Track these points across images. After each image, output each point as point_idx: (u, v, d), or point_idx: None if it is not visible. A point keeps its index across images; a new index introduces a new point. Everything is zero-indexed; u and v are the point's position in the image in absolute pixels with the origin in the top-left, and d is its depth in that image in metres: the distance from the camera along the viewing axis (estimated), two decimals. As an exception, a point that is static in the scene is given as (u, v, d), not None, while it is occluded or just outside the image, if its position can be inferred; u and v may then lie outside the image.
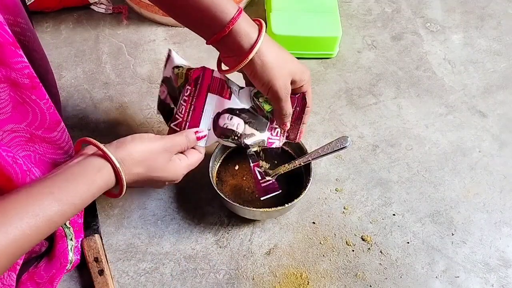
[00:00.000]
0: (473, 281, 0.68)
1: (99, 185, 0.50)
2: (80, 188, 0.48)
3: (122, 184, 0.52)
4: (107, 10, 0.96)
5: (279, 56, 0.59)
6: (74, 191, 0.48)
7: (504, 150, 0.82)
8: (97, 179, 0.50)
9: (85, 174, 0.50)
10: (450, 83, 0.90)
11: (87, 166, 0.50)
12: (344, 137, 0.65)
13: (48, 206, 0.45)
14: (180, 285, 0.65)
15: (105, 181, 0.51)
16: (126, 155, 0.53)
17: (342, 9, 1.00)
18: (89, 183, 0.49)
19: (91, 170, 0.50)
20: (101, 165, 0.51)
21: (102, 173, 0.51)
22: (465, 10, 1.03)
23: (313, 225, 0.72)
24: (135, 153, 0.54)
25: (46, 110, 0.52)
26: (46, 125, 0.53)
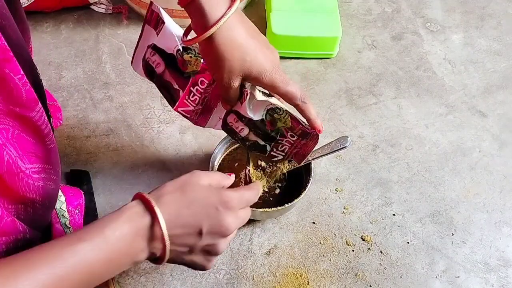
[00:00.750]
0: (473, 281, 0.68)
1: (135, 261, 0.47)
2: (117, 267, 0.46)
3: (163, 257, 0.48)
4: (107, 10, 0.96)
5: (251, 38, 0.54)
6: (109, 270, 0.45)
7: (504, 150, 0.82)
8: (137, 259, 0.47)
9: (126, 254, 0.46)
10: (450, 83, 0.90)
11: (132, 244, 0.46)
12: (344, 137, 0.64)
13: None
14: (180, 285, 0.65)
15: (142, 259, 0.48)
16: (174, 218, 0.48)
17: (342, 9, 1.00)
18: (127, 262, 0.46)
19: (134, 252, 0.46)
20: (145, 248, 0.47)
21: (144, 253, 0.47)
22: (465, 10, 1.03)
23: (313, 225, 0.72)
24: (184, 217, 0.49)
25: (21, 86, 0.48)
26: (23, 102, 0.49)
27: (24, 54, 0.54)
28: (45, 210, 0.56)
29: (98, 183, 0.74)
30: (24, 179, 0.50)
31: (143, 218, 0.46)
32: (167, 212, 0.47)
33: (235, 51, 0.52)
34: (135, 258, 0.47)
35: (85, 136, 0.79)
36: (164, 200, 0.48)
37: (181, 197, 0.49)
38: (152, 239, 0.46)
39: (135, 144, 0.79)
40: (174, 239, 0.48)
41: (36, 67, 0.60)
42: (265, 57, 0.54)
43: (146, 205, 0.47)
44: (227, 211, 0.50)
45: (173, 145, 0.79)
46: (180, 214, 0.48)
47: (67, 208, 0.66)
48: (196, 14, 0.51)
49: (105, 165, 0.76)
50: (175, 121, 0.81)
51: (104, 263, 0.44)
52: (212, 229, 0.49)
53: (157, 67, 0.59)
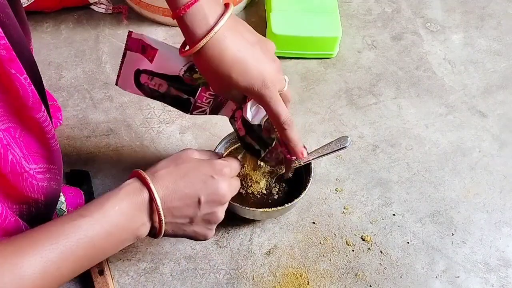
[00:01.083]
0: (473, 281, 0.68)
1: (137, 235, 0.49)
2: (115, 242, 0.48)
3: (160, 232, 0.51)
4: (107, 10, 0.96)
5: (244, 51, 0.51)
6: (108, 247, 0.47)
7: (504, 150, 0.82)
8: (138, 232, 0.49)
9: (127, 228, 0.48)
10: (450, 83, 0.90)
11: (132, 218, 0.48)
12: (344, 137, 0.64)
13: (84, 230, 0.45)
14: (180, 285, 0.65)
15: (144, 233, 0.50)
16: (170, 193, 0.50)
17: (342, 9, 1.00)
18: (128, 237, 0.49)
19: (134, 226, 0.49)
20: (146, 222, 0.49)
21: (145, 226, 0.49)
22: (465, 10, 1.03)
23: (313, 225, 0.72)
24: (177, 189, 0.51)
25: (27, 86, 0.49)
26: (30, 104, 0.50)
27: (26, 54, 0.55)
28: (48, 209, 0.56)
29: (98, 183, 0.74)
30: (28, 179, 0.50)
31: (141, 193, 0.48)
32: (164, 186, 0.49)
33: (223, 66, 0.51)
34: (137, 232, 0.49)
35: (85, 136, 0.79)
36: (159, 175, 0.50)
37: (175, 170, 0.51)
38: (152, 213, 0.49)
39: (135, 144, 0.79)
40: (174, 212, 0.50)
41: (37, 67, 0.60)
42: (257, 70, 0.51)
43: (142, 181, 0.49)
44: (222, 178, 0.52)
45: (173, 145, 0.79)
46: (177, 187, 0.50)
47: (67, 208, 0.66)
48: (187, 28, 0.50)
49: (105, 165, 0.76)
50: (175, 121, 0.81)
51: (106, 237, 0.46)
52: (210, 198, 0.51)
53: (159, 88, 0.59)
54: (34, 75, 0.57)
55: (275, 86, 0.52)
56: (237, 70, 0.51)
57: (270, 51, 0.54)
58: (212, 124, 0.81)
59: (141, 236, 0.49)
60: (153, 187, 0.48)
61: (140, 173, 0.50)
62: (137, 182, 0.49)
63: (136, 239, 0.49)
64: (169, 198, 0.49)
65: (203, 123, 0.81)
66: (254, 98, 0.54)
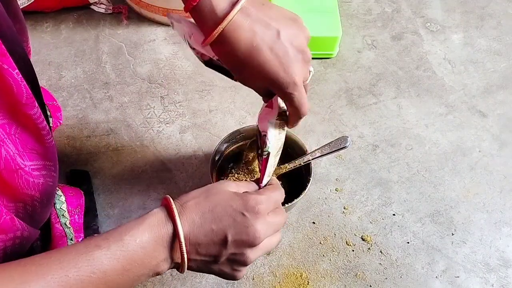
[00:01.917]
0: (473, 281, 0.68)
1: (156, 272, 0.45)
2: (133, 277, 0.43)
3: (183, 268, 0.46)
4: (107, 10, 0.96)
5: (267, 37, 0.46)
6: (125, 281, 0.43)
7: (504, 150, 0.82)
8: (158, 269, 0.45)
9: (146, 263, 0.44)
10: (450, 83, 0.90)
11: (151, 255, 0.44)
12: (344, 137, 0.64)
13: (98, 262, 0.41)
14: (180, 285, 0.65)
15: (164, 269, 0.45)
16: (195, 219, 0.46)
17: (342, 9, 1.00)
18: (146, 272, 0.44)
19: (154, 262, 0.44)
20: (167, 257, 0.45)
21: (166, 262, 0.45)
22: (465, 10, 1.03)
23: (313, 225, 0.72)
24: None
25: (20, 81, 0.47)
26: (24, 100, 0.48)
27: (19, 51, 0.54)
28: (43, 207, 0.56)
29: (98, 183, 0.74)
30: (24, 176, 0.49)
31: (165, 226, 0.44)
32: (191, 219, 0.45)
33: (239, 60, 0.47)
34: (157, 269, 0.44)
35: (85, 136, 0.79)
36: (187, 205, 0.46)
37: (205, 201, 0.46)
38: (175, 249, 0.44)
39: (135, 144, 0.79)
40: (199, 249, 0.45)
41: (32, 66, 0.60)
42: (278, 66, 0.47)
43: (169, 212, 0.45)
44: (255, 217, 0.46)
45: (173, 145, 0.79)
46: (203, 221, 0.45)
47: (67, 208, 0.66)
48: (200, 18, 0.47)
49: (105, 165, 0.76)
50: (175, 121, 0.81)
51: (121, 273, 0.42)
52: (238, 238, 0.45)
53: (202, 56, 0.56)
54: (28, 72, 0.56)
55: (300, 81, 0.49)
56: (254, 65, 0.47)
57: (297, 37, 0.48)
58: (212, 124, 0.81)
59: (161, 272, 0.45)
60: (178, 221, 0.44)
61: (168, 201, 0.45)
62: (163, 212, 0.45)
63: (155, 275, 0.45)
64: (194, 233, 0.44)
65: (203, 123, 0.81)
66: (276, 91, 0.50)
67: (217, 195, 0.47)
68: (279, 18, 0.48)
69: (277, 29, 0.47)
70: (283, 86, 0.48)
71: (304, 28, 0.49)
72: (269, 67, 0.47)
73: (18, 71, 0.47)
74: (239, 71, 0.49)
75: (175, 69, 0.88)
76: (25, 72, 0.53)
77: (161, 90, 0.85)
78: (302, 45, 0.48)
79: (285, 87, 0.48)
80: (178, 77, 0.87)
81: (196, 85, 0.86)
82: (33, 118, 0.51)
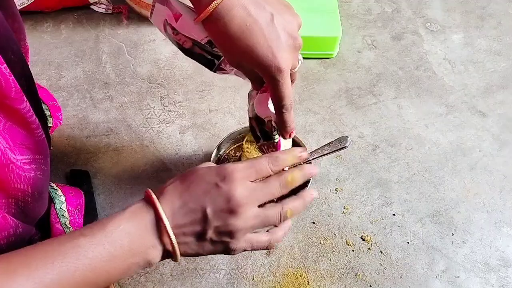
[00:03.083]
0: (473, 281, 0.68)
1: (148, 260, 0.44)
2: (123, 266, 0.43)
3: (175, 254, 0.45)
4: (107, 10, 0.96)
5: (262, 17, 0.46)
6: (116, 270, 0.43)
7: (504, 150, 0.82)
8: (148, 256, 0.44)
9: (134, 250, 0.43)
10: (450, 83, 0.90)
11: (140, 241, 0.43)
12: (344, 137, 0.64)
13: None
14: (180, 285, 0.65)
15: (155, 257, 0.45)
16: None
17: (342, 9, 1.00)
18: (137, 261, 0.44)
19: (142, 249, 0.43)
20: (156, 244, 0.44)
21: (155, 249, 0.44)
22: (465, 10, 1.03)
23: (313, 225, 0.72)
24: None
25: (8, 75, 0.46)
26: (13, 94, 0.48)
27: (13, 48, 0.54)
28: (35, 202, 0.55)
29: (98, 183, 0.74)
30: (15, 170, 0.49)
31: (147, 212, 0.44)
32: (170, 202, 0.44)
33: (230, 40, 0.46)
34: (147, 256, 0.44)
35: (85, 136, 0.79)
36: (165, 191, 0.45)
37: (181, 183, 0.46)
38: (161, 234, 0.44)
39: (135, 144, 0.79)
40: (185, 230, 0.44)
41: (26, 63, 0.59)
42: (268, 50, 0.46)
43: (148, 199, 0.45)
44: (229, 184, 0.44)
45: (173, 145, 0.79)
46: (182, 202, 0.44)
47: (67, 208, 0.66)
48: None
49: (105, 165, 0.76)
50: (175, 121, 0.81)
51: (109, 260, 0.42)
52: (217, 208, 0.44)
53: (184, 44, 0.56)
54: (22, 68, 0.56)
55: (288, 68, 0.48)
56: (244, 45, 0.46)
57: (290, 24, 0.48)
58: (212, 124, 0.81)
59: (152, 260, 0.44)
60: (158, 204, 0.43)
61: (147, 190, 0.45)
62: (143, 201, 0.45)
63: (148, 264, 0.44)
64: (176, 215, 0.44)
65: (203, 123, 0.81)
66: (261, 74, 0.49)
67: (192, 175, 0.46)
68: (274, 2, 0.48)
69: (271, 13, 0.47)
70: (269, 69, 0.47)
71: (296, 15, 0.49)
72: (259, 48, 0.46)
73: (6, 66, 0.46)
74: (229, 50, 0.49)
75: (175, 69, 0.88)
76: (20, 69, 0.52)
77: (161, 90, 0.85)
78: (294, 31, 0.48)
79: (271, 71, 0.47)
80: (178, 77, 0.87)
81: (196, 85, 0.86)
82: (22, 112, 0.50)
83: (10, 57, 0.52)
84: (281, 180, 0.47)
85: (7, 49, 0.51)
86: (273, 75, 0.48)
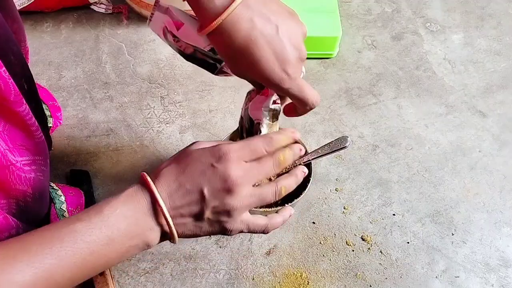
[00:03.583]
0: (473, 281, 0.68)
1: (147, 242, 0.45)
2: (122, 249, 0.44)
3: (173, 235, 0.46)
4: (107, 10, 0.96)
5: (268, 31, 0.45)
6: (116, 252, 0.43)
7: (504, 150, 0.82)
8: (146, 239, 0.45)
9: (132, 233, 0.44)
10: (450, 83, 0.90)
11: (139, 224, 0.44)
12: (344, 137, 0.64)
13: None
14: (180, 285, 0.65)
15: (154, 239, 0.45)
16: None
17: (342, 9, 1.00)
18: (135, 243, 0.44)
19: (140, 231, 0.44)
20: (153, 226, 0.45)
21: (153, 231, 0.45)
22: (465, 10, 1.03)
23: (313, 225, 0.72)
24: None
25: (7, 78, 0.46)
26: (12, 97, 0.48)
27: (13, 49, 0.54)
28: (36, 203, 0.55)
29: (98, 183, 0.74)
30: (15, 171, 0.49)
31: (143, 196, 0.44)
32: (166, 185, 0.45)
33: (236, 53, 0.46)
34: (145, 238, 0.44)
35: (85, 136, 0.79)
36: (160, 174, 0.46)
37: (176, 166, 0.46)
38: (158, 216, 0.44)
39: (135, 144, 0.79)
40: (182, 211, 0.45)
41: (27, 64, 0.60)
42: (272, 62, 0.46)
43: (143, 182, 0.45)
44: (225, 164, 0.45)
45: (173, 145, 0.79)
46: (179, 184, 0.45)
47: (67, 208, 0.66)
48: (199, 8, 0.46)
49: (105, 165, 0.76)
50: (175, 121, 0.81)
51: (106, 243, 0.42)
52: (214, 189, 0.45)
53: (185, 50, 0.56)
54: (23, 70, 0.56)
55: (296, 75, 0.48)
56: (249, 58, 0.46)
57: (296, 35, 0.48)
58: (212, 124, 0.81)
59: (151, 242, 0.45)
60: (154, 187, 0.44)
61: (142, 173, 0.46)
62: (138, 185, 0.46)
63: (147, 246, 0.45)
64: (172, 197, 0.44)
65: (203, 123, 0.81)
66: (272, 89, 0.50)
67: (187, 157, 0.46)
68: (278, 12, 0.47)
69: (276, 24, 0.46)
70: (279, 82, 0.47)
71: (301, 24, 0.49)
72: (265, 62, 0.46)
73: (5, 69, 0.46)
74: (234, 62, 0.49)
75: (175, 69, 0.88)
76: (20, 71, 0.52)
77: (161, 90, 0.85)
78: (300, 42, 0.48)
79: (282, 84, 0.47)
80: (178, 77, 0.87)
81: (196, 85, 0.86)
82: (21, 115, 0.50)
83: (10, 58, 0.52)
84: (274, 160, 0.48)
85: (7, 51, 0.51)
86: (284, 87, 0.48)
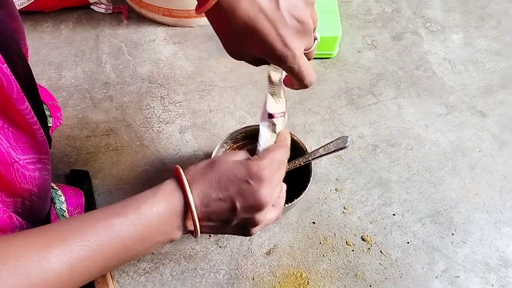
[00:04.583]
0: (473, 281, 0.68)
1: (171, 239, 0.48)
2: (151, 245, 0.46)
3: (196, 234, 0.49)
4: (107, 10, 0.96)
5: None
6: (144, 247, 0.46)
7: (504, 150, 0.82)
8: (172, 235, 0.48)
9: (162, 231, 0.46)
10: (450, 83, 0.90)
11: (167, 223, 0.47)
12: (344, 137, 0.64)
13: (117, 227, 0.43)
14: (180, 285, 0.65)
15: (178, 236, 0.48)
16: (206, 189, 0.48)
17: (342, 9, 1.00)
18: (162, 239, 0.47)
19: (169, 229, 0.47)
20: (181, 225, 0.48)
21: (180, 230, 0.48)
22: (465, 10, 1.03)
23: (313, 225, 0.72)
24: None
25: (10, 75, 0.47)
26: (15, 94, 0.48)
27: (13, 47, 0.54)
28: (41, 201, 0.56)
29: (98, 183, 0.74)
30: (19, 169, 0.49)
31: (178, 198, 0.47)
32: (199, 189, 0.47)
33: (234, 28, 0.45)
34: (171, 236, 0.47)
35: (85, 136, 0.79)
36: (196, 177, 0.48)
37: (211, 172, 0.48)
38: (187, 218, 0.47)
39: (135, 144, 0.79)
40: (211, 216, 0.48)
41: (28, 62, 0.60)
42: (276, 34, 0.44)
43: (179, 182, 0.47)
44: (259, 183, 0.47)
45: (173, 145, 0.79)
46: (212, 191, 0.47)
47: (67, 208, 0.66)
48: None
49: (105, 165, 0.76)
50: (175, 121, 0.81)
51: (139, 240, 0.44)
52: (247, 204, 0.47)
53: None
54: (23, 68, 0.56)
55: (299, 52, 0.47)
56: (250, 37, 0.45)
57: (298, 7, 0.46)
58: (212, 124, 0.81)
59: (175, 238, 0.48)
60: (189, 191, 0.46)
61: (179, 172, 0.48)
62: (174, 183, 0.48)
63: (171, 241, 0.48)
64: (203, 202, 0.47)
65: (203, 123, 0.81)
66: (274, 64, 0.48)
67: (222, 165, 0.48)
68: None
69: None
70: (281, 59, 0.46)
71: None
72: (266, 39, 0.45)
73: (7, 66, 0.47)
74: (232, 43, 0.47)
75: (175, 69, 0.88)
76: (20, 68, 0.52)
77: (161, 90, 0.85)
78: (303, 15, 0.46)
79: (284, 60, 0.46)
80: (178, 77, 0.87)
81: (196, 85, 0.86)
82: (23, 113, 0.51)
83: (12, 56, 0.52)
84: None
85: (8, 48, 0.51)
86: (286, 64, 0.47)
